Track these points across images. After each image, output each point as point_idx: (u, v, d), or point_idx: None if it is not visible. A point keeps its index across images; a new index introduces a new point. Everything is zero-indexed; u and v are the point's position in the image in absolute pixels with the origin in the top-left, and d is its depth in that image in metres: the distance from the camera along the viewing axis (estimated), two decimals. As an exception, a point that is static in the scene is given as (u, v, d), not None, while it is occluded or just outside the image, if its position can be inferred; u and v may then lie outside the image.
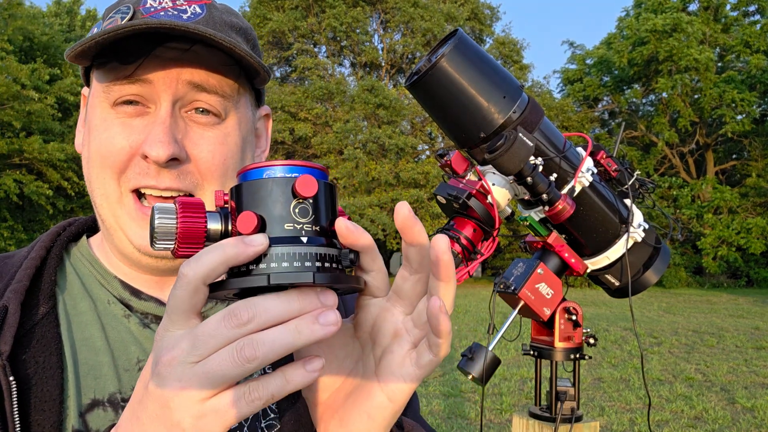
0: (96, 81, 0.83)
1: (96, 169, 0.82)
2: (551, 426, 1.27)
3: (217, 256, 0.51)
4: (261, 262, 0.52)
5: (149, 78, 0.78)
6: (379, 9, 29.87)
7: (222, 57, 0.81)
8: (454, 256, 1.13)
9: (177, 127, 0.80)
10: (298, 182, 0.52)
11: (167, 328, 0.54)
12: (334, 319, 0.51)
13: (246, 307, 0.51)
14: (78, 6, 32.68)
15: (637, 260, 1.26)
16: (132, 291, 0.87)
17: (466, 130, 1.09)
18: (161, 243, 0.54)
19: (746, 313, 14.76)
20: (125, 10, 0.79)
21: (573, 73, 31.61)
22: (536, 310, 1.21)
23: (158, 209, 0.54)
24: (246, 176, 0.55)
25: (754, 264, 26.11)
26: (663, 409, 6.35)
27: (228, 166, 0.85)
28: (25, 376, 0.75)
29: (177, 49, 0.79)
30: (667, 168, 30.30)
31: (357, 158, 24.42)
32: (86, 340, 0.82)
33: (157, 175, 0.80)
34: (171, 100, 0.80)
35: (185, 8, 0.80)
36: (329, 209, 0.55)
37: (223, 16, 0.85)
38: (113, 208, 0.82)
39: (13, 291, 0.79)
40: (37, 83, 19.17)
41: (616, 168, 1.21)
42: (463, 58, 1.05)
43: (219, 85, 0.82)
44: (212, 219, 0.55)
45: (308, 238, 0.53)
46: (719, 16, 29.38)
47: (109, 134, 0.80)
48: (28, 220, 20.27)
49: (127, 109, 0.80)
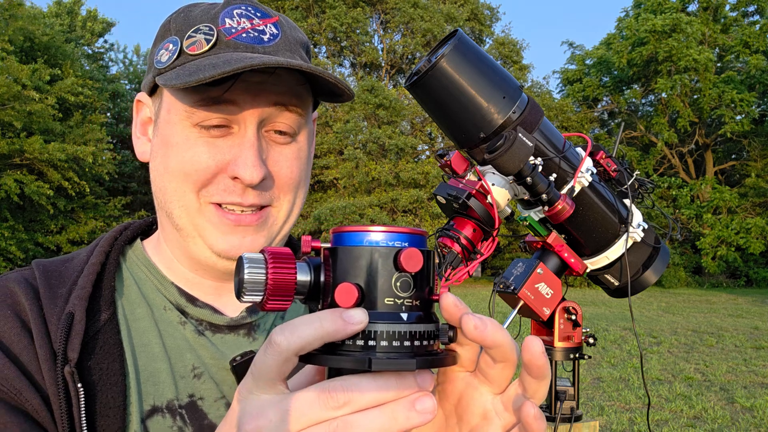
0: (176, 99, 0.83)
1: (176, 183, 0.84)
2: (551, 425, 1.27)
3: (315, 330, 0.49)
4: (358, 337, 0.49)
5: (235, 101, 0.80)
6: (379, 9, 29.87)
7: (299, 77, 0.84)
8: (454, 256, 1.13)
9: (261, 148, 0.83)
10: (403, 256, 0.49)
11: (251, 391, 0.52)
12: (431, 406, 0.49)
13: (343, 389, 0.49)
14: (78, 6, 32.67)
15: (636, 260, 1.26)
16: (188, 297, 0.88)
17: (465, 130, 1.09)
18: (249, 295, 0.51)
19: (745, 313, 14.76)
20: (207, 31, 0.81)
21: (572, 74, 31.60)
22: (536, 310, 1.21)
23: (247, 260, 0.52)
24: (342, 239, 0.52)
25: (753, 264, 26.10)
26: (662, 409, 6.36)
27: (301, 178, 0.89)
28: (91, 383, 0.77)
29: (262, 74, 0.81)
30: (666, 168, 30.29)
31: (357, 158, 24.42)
32: (144, 347, 0.84)
33: (242, 193, 0.83)
34: (257, 122, 0.82)
35: (263, 29, 0.83)
36: (428, 279, 0.53)
37: (293, 33, 0.88)
38: (192, 216, 0.84)
39: (78, 297, 0.80)
40: (37, 83, 19.15)
41: (615, 168, 1.21)
42: (463, 58, 1.05)
43: (298, 102, 0.85)
44: (301, 271, 0.53)
45: (408, 314, 0.50)
46: (718, 17, 29.38)
47: (193, 153, 0.82)
48: (28, 220, 20.26)
49: (212, 130, 0.82)
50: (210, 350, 0.86)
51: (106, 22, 33.31)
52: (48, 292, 0.82)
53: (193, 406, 0.83)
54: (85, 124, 21.75)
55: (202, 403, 0.83)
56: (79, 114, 22.19)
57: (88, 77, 23.43)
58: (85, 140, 20.42)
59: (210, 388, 0.84)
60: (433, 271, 0.54)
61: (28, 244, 19.21)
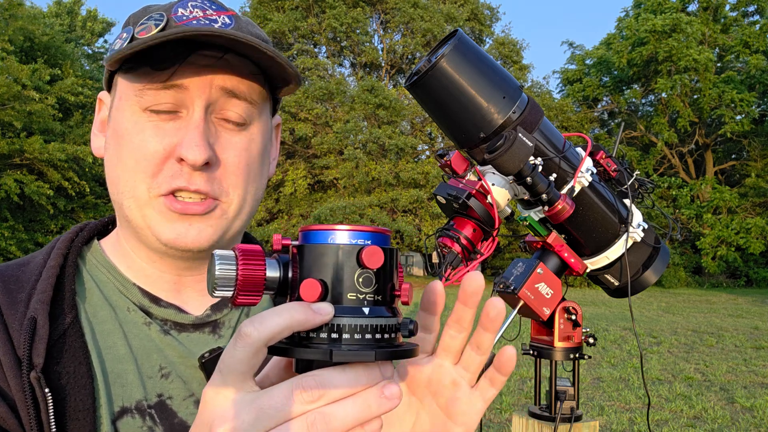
0: (125, 85, 0.84)
1: (128, 172, 0.83)
2: (551, 425, 1.27)
3: (284, 320, 0.50)
4: (322, 330, 0.51)
5: (183, 83, 0.81)
6: (379, 9, 29.87)
7: (251, 66, 0.84)
8: (454, 256, 1.13)
9: (209, 132, 0.83)
10: (364, 254, 0.51)
11: (219, 390, 0.52)
12: (397, 391, 0.52)
13: (316, 384, 0.50)
14: (78, 6, 32.69)
15: (636, 260, 1.26)
16: (151, 298, 0.88)
17: (465, 130, 1.09)
18: (220, 290, 0.53)
19: (745, 313, 14.76)
20: (158, 17, 0.82)
21: (572, 74, 31.61)
22: (536, 310, 1.21)
23: (218, 256, 0.53)
24: (309, 237, 0.54)
25: (753, 264, 26.11)
26: (662, 409, 6.36)
27: (250, 171, 0.88)
28: (59, 387, 0.76)
29: (211, 57, 0.81)
30: (666, 168, 30.30)
31: (357, 158, 24.41)
32: (110, 348, 0.83)
33: (189, 177, 0.82)
34: (204, 105, 0.82)
35: (216, 18, 0.83)
36: (391, 275, 0.55)
37: (249, 27, 0.88)
38: (142, 208, 0.83)
39: (39, 302, 0.79)
40: (37, 83, 19.15)
41: (615, 168, 1.21)
42: (463, 58, 1.05)
43: (249, 92, 0.85)
44: (271, 267, 0.54)
45: (370, 308, 0.52)
46: (718, 17, 29.38)
47: (141, 138, 0.82)
48: (28, 220, 20.25)
49: (161, 114, 0.82)
50: (177, 349, 0.86)
51: (106, 22, 33.33)
52: (7, 298, 0.81)
53: (162, 406, 0.83)
54: (85, 124, 21.76)
55: (171, 402, 0.84)
56: (79, 114, 22.21)
57: (88, 77, 23.43)
58: (85, 140, 20.39)
59: (178, 387, 0.85)
60: (395, 268, 0.56)
61: (28, 244, 19.21)
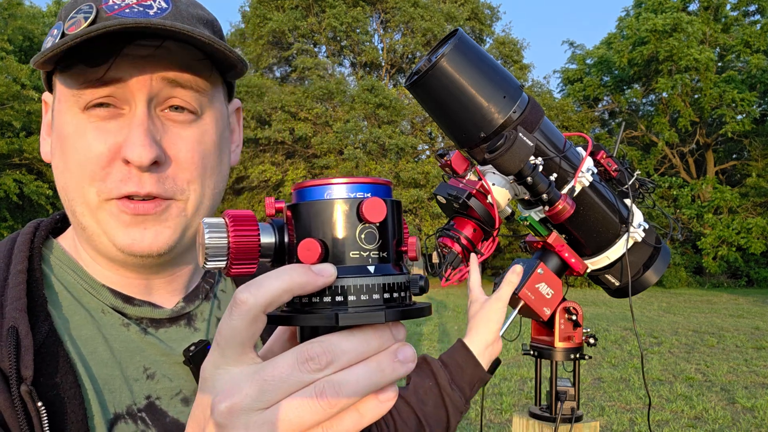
0: (62, 86, 0.79)
1: (75, 179, 0.79)
2: (551, 426, 1.27)
3: (283, 283, 0.46)
4: (325, 294, 0.48)
5: (121, 78, 0.76)
6: (379, 9, 29.87)
7: (194, 52, 0.79)
8: (454, 256, 1.13)
9: (155, 128, 0.78)
10: (365, 206, 0.47)
11: (218, 365, 0.49)
12: (411, 354, 0.49)
13: (323, 350, 0.46)
14: (78, 6, 32.67)
15: (637, 260, 1.26)
16: (124, 298, 0.84)
17: (466, 129, 1.09)
18: (213, 261, 0.49)
19: (746, 313, 14.75)
20: (87, 9, 0.76)
21: (573, 73, 31.59)
22: (536, 310, 1.20)
23: (207, 224, 0.49)
24: (303, 194, 0.50)
25: (754, 264, 26.09)
26: (663, 409, 6.35)
27: (206, 165, 0.83)
28: (49, 399, 0.72)
29: (148, 47, 0.76)
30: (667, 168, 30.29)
31: (357, 158, 24.41)
32: (93, 354, 0.79)
33: (139, 180, 0.77)
34: (146, 99, 0.77)
35: (150, 4, 0.77)
36: (396, 229, 0.51)
37: (190, 9, 0.82)
38: (94, 212, 0.79)
39: (17, 310, 0.74)
40: (37, 83, 19.13)
41: (616, 168, 1.21)
42: (463, 57, 1.05)
43: (193, 80, 0.80)
44: (265, 232, 0.50)
45: (375, 266, 0.49)
46: (719, 16, 29.37)
47: (84, 141, 0.77)
48: (28, 219, 20.19)
49: (100, 113, 0.77)
50: (158, 347, 0.84)
51: (106, 22, 33.26)
52: None
53: (151, 407, 0.81)
54: (86, 124, 21.76)
55: (160, 403, 0.82)
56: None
57: (88, 77, 23.41)
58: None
59: (165, 386, 0.83)
60: (400, 222, 0.52)
61: (28, 243, 19.21)
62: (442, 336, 10.51)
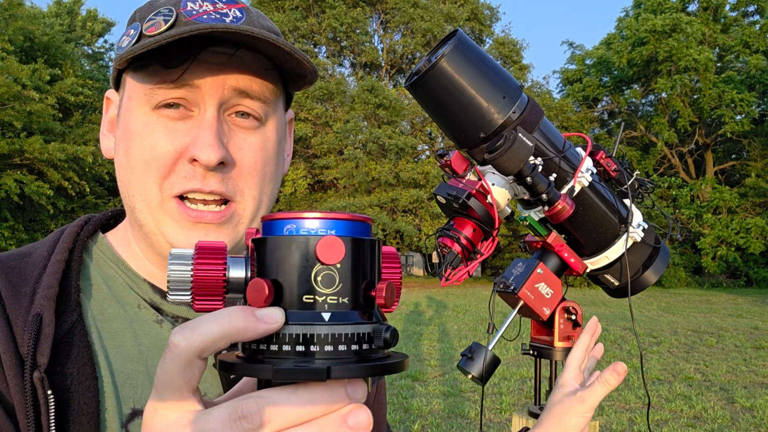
0: (135, 83, 0.81)
1: (138, 174, 0.80)
2: (551, 425, 1.27)
3: (220, 327, 0.43)
4: (273, 342, 0.43)
5: (195, 83, 0.78)
6: (379, 9, 29.87)
7: (264, 62, 0.81)
8: (454, 256, 1.13)
9: (222, 131, 0.80)
10: (318, 245, 0.42)
11: (156, 409, 0.46)
12: (365, 420, 0.43)
13: (258, 408, 0.42)
14: (78, 6, 32.68)
15: (636, 260, 1.26)
16: (162, 294, 0.85)
17: (465, 130, 1.09)
18: (176, 294, 0.46)
19: (745, 313, 14.76)
20: (167, 12, 0.78)
21: (572, 74, 31.61)
22: (536, 310, 1.21)
23: (172, 255, 0.46)
24: (266, 228, 0.46)
25: (753, 264, 26.10)
26: (662, 409, 6.36)
27: (266, 171, 0.85)
28: (62, 389, 0.72)
29: (222, 54, 0.78)
30: (666, 168, 30.30)
31: (357, 158, 24.41)
32: (118, 348, 0.79)
33: (203, 178, 0.79)
34: (217, 104, 0.79)
35: (226, 12, 0.80)
36: (365, 272, 0.45)
37: (260, 20, 0.85)
38: (154, 212, 0.81)
39: (46, 297, 0.75)
40: (37, 83, 19.16)
41: (615, 168, 1.21)
42: (463, 58, 1.05)
43: (261, 90, 0.82)
44: (235, 266, 0.46)
45: (332, 313, 0.43)
46: (718, 17, 29.38)
47: (152, 138, 0.79)
48: (28, 220, 20.25)
49: (170, 113, 0.79)
50: None
51: (106, 22, 33.31)
52: (11, 290, 0.75)
53: None
54: (85, 124, 21.78)
55: None
56: (79, 114, 22.22)
57: (88, 77, 23.45)
58: (85, 140, 20.41)
59: None
60: (375, 263, 0.46)
61: (27, 244, 19.20)
62: (442, 336, 10.51)
